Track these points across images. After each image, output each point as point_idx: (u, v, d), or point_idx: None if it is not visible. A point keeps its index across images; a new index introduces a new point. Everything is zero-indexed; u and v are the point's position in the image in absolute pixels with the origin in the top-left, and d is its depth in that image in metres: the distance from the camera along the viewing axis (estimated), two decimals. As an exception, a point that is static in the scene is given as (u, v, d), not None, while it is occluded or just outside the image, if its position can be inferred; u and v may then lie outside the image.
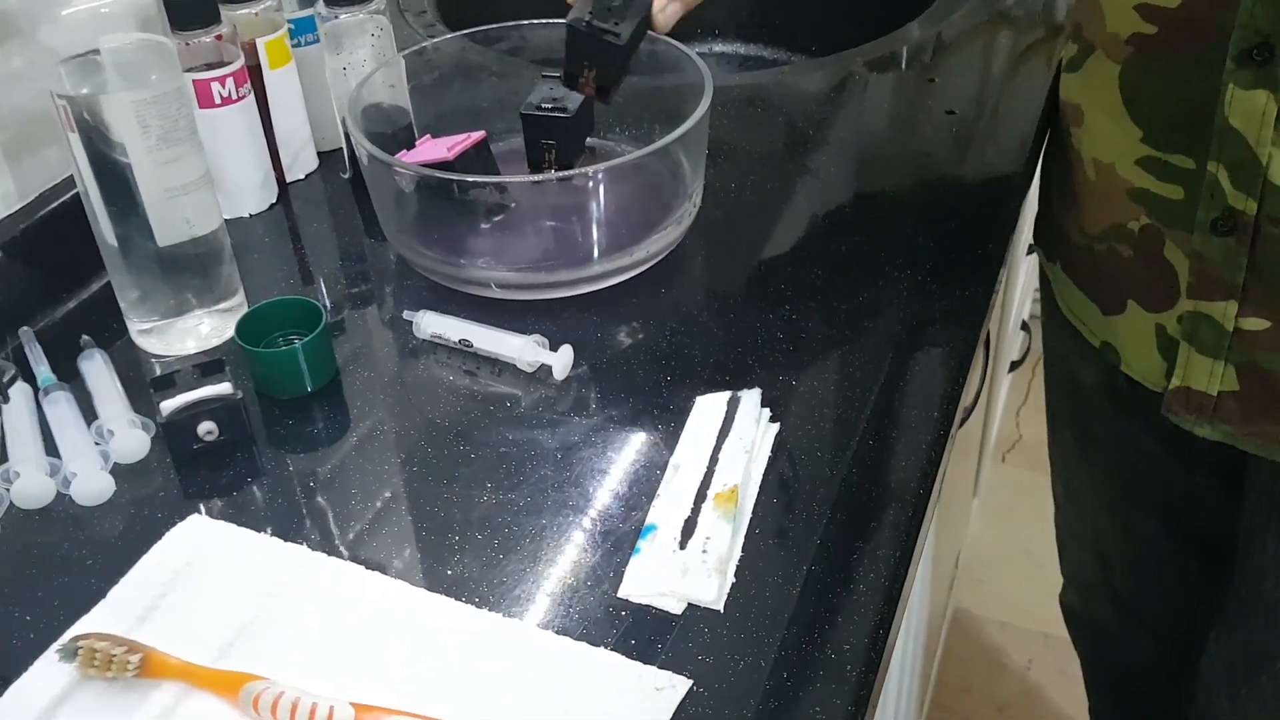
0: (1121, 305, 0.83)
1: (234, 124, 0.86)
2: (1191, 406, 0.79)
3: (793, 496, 0.65)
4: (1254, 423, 0.77)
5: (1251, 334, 0.74)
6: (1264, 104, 0.67)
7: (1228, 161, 0.70)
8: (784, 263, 0.83)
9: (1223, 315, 0.75)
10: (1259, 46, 0.66)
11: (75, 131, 0.69)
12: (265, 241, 0.88)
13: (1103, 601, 1.18)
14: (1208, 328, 0.76)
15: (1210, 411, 0.79)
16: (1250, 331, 0.74)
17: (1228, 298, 0.74)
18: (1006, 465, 2.16)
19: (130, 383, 0.73)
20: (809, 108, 1.03)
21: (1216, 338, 0.76)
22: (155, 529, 0.64)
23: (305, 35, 0.92)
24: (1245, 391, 0.76)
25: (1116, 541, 1.10)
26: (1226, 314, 0.74)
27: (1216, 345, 0.76)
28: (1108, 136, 0.78)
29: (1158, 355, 0.81)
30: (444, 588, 0.60)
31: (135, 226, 0.73)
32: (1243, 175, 0.70)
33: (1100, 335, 0.87)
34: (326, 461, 0.69)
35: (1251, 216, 0.70)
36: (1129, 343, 0.84)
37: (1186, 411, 0.80)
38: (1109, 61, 0.76)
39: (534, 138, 0.84)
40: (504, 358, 0.75)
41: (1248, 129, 0.68)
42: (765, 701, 0.54)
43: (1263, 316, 0.73)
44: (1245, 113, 0.68)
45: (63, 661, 0.55)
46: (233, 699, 0.54)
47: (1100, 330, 0.87)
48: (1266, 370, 0.75)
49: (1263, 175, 0.69)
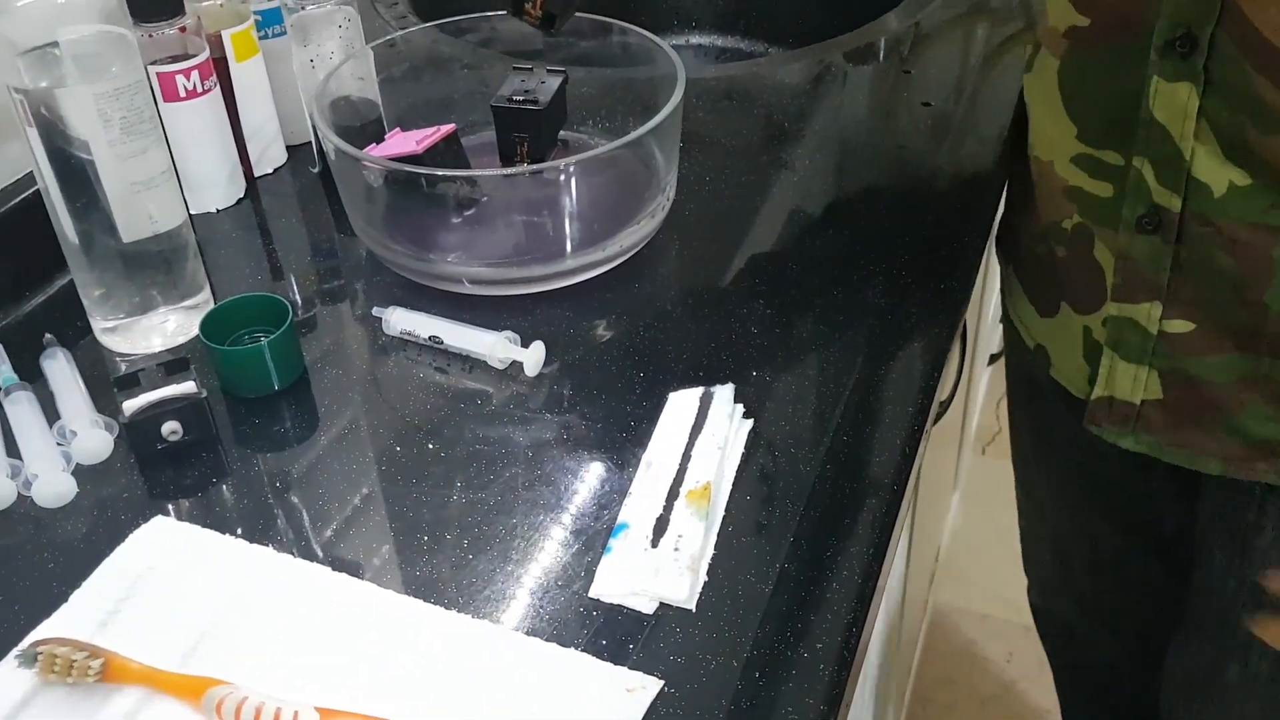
0: (1055, 307, 0.82)
1: (200, 117, 0.85)
2: (1114, 417, 0.78)
3: (766, 493, 0.64)
4: (1179, 432, 0.77)
5: (1175, 337, 0.73)
6: (1186, 97, 0.66)
7: (1152, 157, 0.69)
8: (759, 257, 0.83)
9: (1146, 318, 0.73)
10: (1181, 39, 0.65)
11: (33, 126, 0.68)
12: (232, 237, 0.87)
13: (1065, 599, 1.18)
14: (1131, 331, 0.75)
15: (1133, 422, 0.78)
16: (1174, 335, 0.73)
17: (1151, 298, 0.73)
18: (987, 457, 2.16)
19: (94, 382, 0.72)
20: (785, 100, 1.02)
21: (1140, 341, 0.75)
22: (118, 531, 0.63)
23: (272, 27, 0.91)
24: (1170, 399, 0.75)
25: (1076, 542, 1.10)
26: (1150, 316, 0.73)
27: (1140, 349, 0.75)
28: (1049, 134, 0.78)
29: (1082, 360, 0.81)
30: (413, 589, 0.59)
31: (97, 223, 0.72)
32: (1167, 171, 0.69)
33: (1036, 337, 0.87)
34: (294, 461, 0.68)
35: (1176, 213, 0.69)
36: (1058, 346, 0.84)
37: (1109, 422, 0.79)
38: (1051, 57, 0.75)
39: (505, 130, 0.83)
40: (475, 354, 0.74)
41: (1171, 123, 0.67)
42: (737, 701, 0.53)
43: (1187, 319, 0.72)
44: (1168, 106, 0.67)
45: (22, 667, 0.54)
46: (196, 704, 0.53)
47: (1036, 332, 0.87)
48: (1193, 375, 0.74)
49: (1186, 171, 0.68)
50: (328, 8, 0.86)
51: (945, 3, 1.15)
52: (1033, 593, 1.24)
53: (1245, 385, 0.72)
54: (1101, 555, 1.08)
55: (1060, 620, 1.21)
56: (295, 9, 0.86)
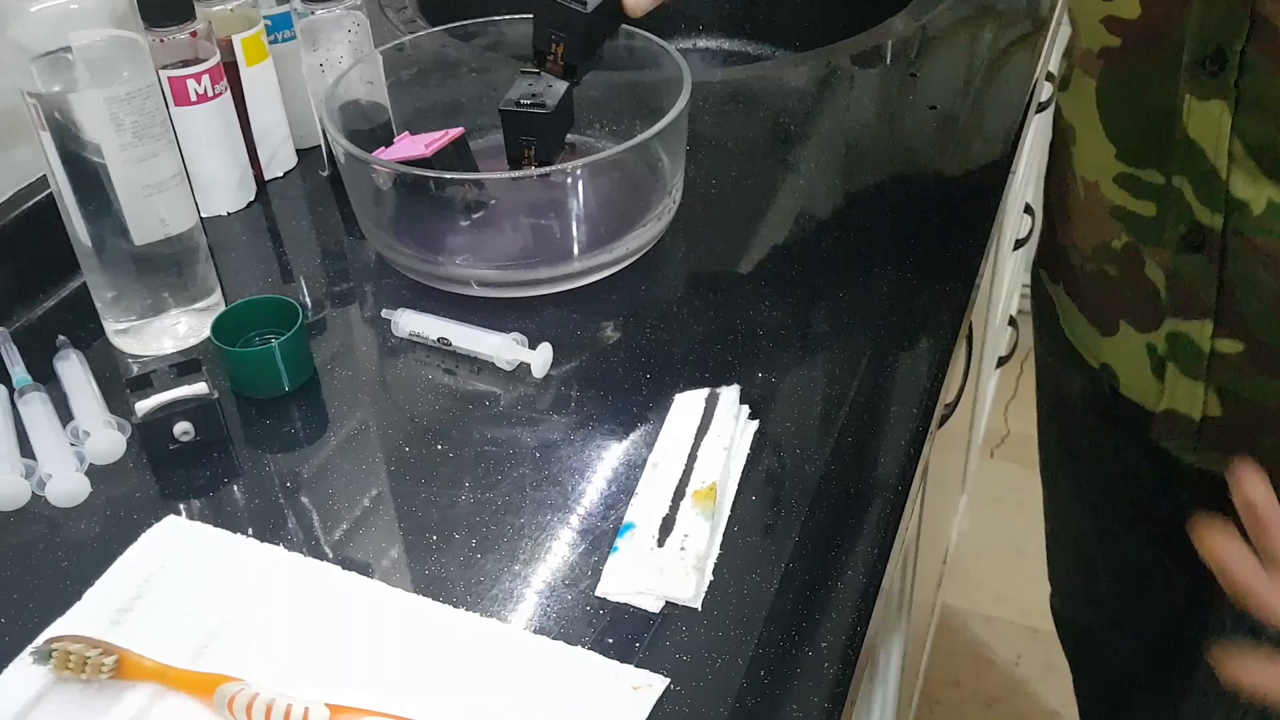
0: (1115, 326, 0.81)
1: (210, 121, 0.85)
2: (1176, 431, 0.78)
3: (771, 493, 0.65)
4: (1237, 452, 0.74)
5: (1227, 357, 0.73)
6: (1219, 115, 0.66)
7: (1190, 175, 0.69)
8: (764, 259, 0.83)
9: (1199, 335, 0.73)
10: (1211, 56, 0.64)
11: (46, 130, 0.69)
12: (243, 240, 0.88)
13: (1087, 607, 1.18)
14: (1187, 348, 0.74)
15: (1194, 437, 0.77)
16: (1226, 354, 0.73)
17: (1203, 316, 0.72)
18: (995, 460, 2.17)
19: (106, 383, 0.73)
20: (791, 103, 1.03)
21: (1194, 359, 0.74)
22: (131, 530, 0.64)
23: (282, 31, 0.92)
24: (1227, 418, 0.75)
25: (1100, 550, 1.10)
26: (1203, 333, 0.73)
27: (1196, 366, 0.74)
28: (1092, 154, 0.77)
29: (1151, 376, 0.79)
30: (421, 587, 0.60)
31: (110, 226, 0.72)
32: (1205, 189, 0.68)
33: (1099, 357, 0.85)
34: (304, 461, 0.69)
35: (1218, 232, 0.69)
36: (1124, 364, 0.82)
37: (1172, 436, 0.78)
38: (1087, 77, 0.75)
39: (513, 134, 0.84)
40: (483, 356, 0.74)
41: (1205, 141, 0.67)
42: (742, 699, 0.54)
43: (1237, 338, 0.72)
44: (1202, 124, 0.67)
45: (37, 664, 0.55)
46: (208, 700, 0.54)
47: (1099, 352, 0.85)
48: (1244, 397, 0.73)
49: (1224, 188, 0.67)
50: (337, 13, 0.87)
51: (951, 5, 1.16)
52: (1054, 599, 1.24)
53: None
54: (1126, 565, 1.07)
55: (1082, 627, 1.21)
56: (305, 14, 0.87)
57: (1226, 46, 0.64)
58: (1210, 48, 0.64)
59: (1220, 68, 0.64)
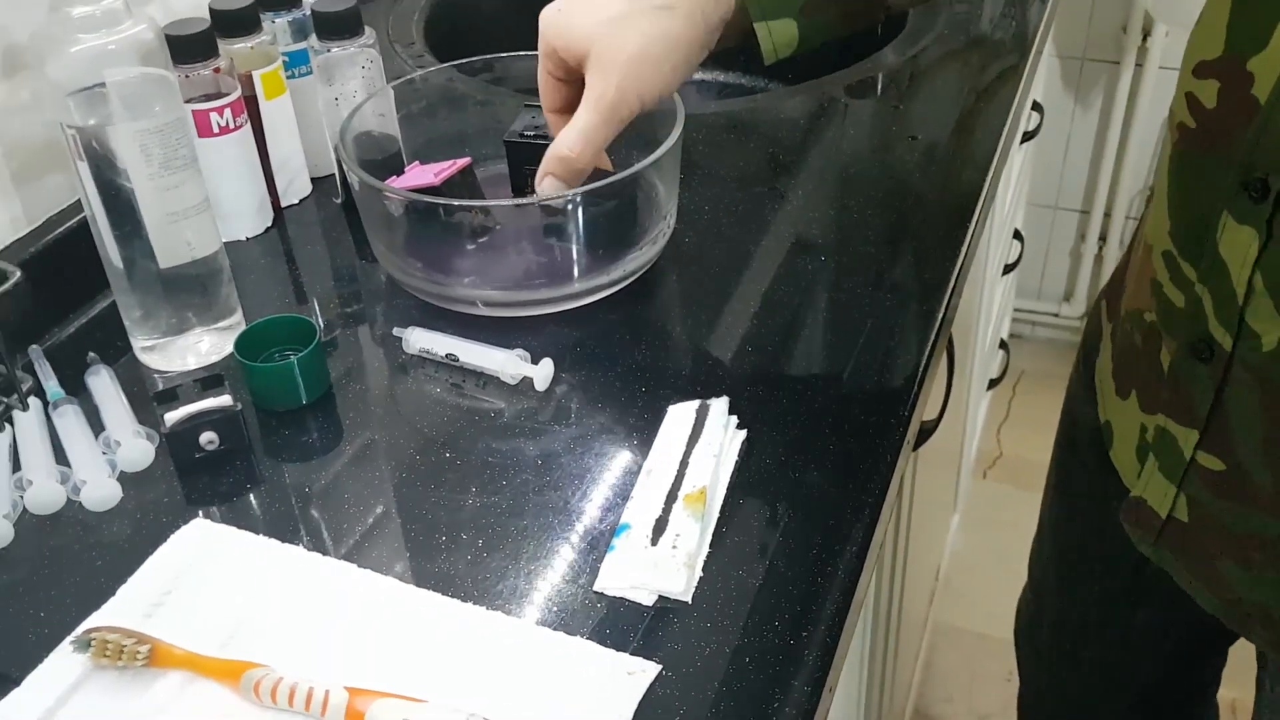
0: (1127, 392, 0.80)
1: (231, 152, 0.90)
2: (1141, 521, 0.78)
3: (757, 497, 0.69)
4: (1189, 561, 0.75)
5: (1205, 471, 0.71)
6: (1248, 243, 0.63)
7: (1211, 288, 0.66)
8: (753, 280, 0.87)
9: (1185, 441, 0.72)
10: (1256, 182, 0.61)
11: (84, 160, 0.73)
12: (262, 263, 0.93)
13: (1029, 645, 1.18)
14: (1171, 448, 0.73)
15: (1155, 532, 0.77)
16: (1205, 468, 0.71)
17: (1192, 425, 0.71)
18: (988, 481, 2.20)
19: (134, 397, 0.77)
20: (782, 133, 1.07)
21: (1175, 461, 0.73)
22: (160, 532, 0.68)
23: (299, 67, 0.96)
24: (1192, 527, 0.74)
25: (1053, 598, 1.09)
26: (1188, 441, 0.71)
27: (1174, 469, 0.73)
28: (1157, 219, 0.73)
29: (1134, 456, 0.79)
30: (431, 583, 0.64)
31: (139, 249, 0.77)
32: (1224, 307, 0.66)
33: (1106, 413, 0.85)
34: (320, 469, 0.73)
35: (1228, 352, 0.66)
36: (1121, 430, 0.81)
37: (1135, 525, 0.78)
38: (1169, 143, 0.71)
39: (517, 163, 0.88)
40: (488, 371, 0.79)
41: (1232, 262, 0.64)
42: (729, 684, 0.58)
43: (1218, 457, 0.70)
44: (1233, 245, 0.64)
45: (76, 652, 0.59)
46: (234, 685, 0.58)
47: (1107, 408, 0.85)
48: (1212, 515, 0.72)
49: (1239, 314, 0.65)
50: (351, 50, 0.92)
51: (939, 37, 1.21)
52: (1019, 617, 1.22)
53: (1256, 544, 0.70)
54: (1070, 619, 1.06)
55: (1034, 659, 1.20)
56: (321, 51, 0.92)
57: (1273, 179, 0.61)
58: (1256, 173, 0.62)
59: (1262, 196, 0.61)
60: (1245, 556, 0.72)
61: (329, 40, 0.92)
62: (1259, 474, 0.68)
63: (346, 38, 0.92)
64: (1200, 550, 0.75)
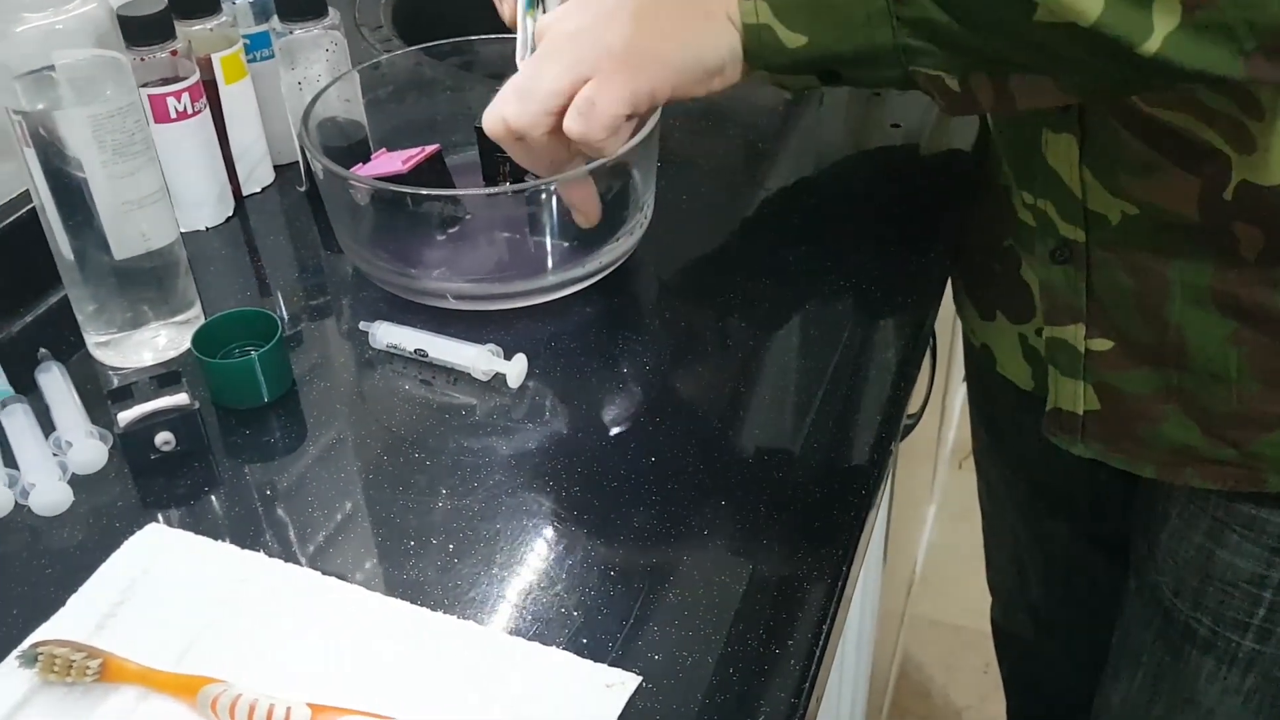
0: (993, 314, 0.91)
1: (190, 138, 0.87)
2: (1064, 427, 0.83)
3: (740, 499, 0.66)
4: (1118, 440, 0.81)
5: (1099, 354, 0.79)
6: (1069, 145, 0.72)
7: (1053, 199, 0.75)
8: (733, 272, 0.85)
9: (1074, 337, 0.79)
10: None
11: (31, 146, 0.70)
12: (222, 254, 0.89)
13: (1021, 613, 1.20)
14: (1063, 351, 0.80)
15: (1079, 431, 0.83)
16: (1098, 352, 0.79)
17: (1075, 321, 0.79)
18: (963, 471, 2.19)
19: (87, 395, 0.74)
20: (760, 121, 1.05)
21: (1071, 359, 0.80)
22: (114, 538, 0.65)
23: (261, 50, 0.93)
24: (1106, 411, 0.81)
25: (1031, 549, 1.13)
26: (1077, 336, 0.79)
27: (1073, 366, 0.80)
28: (994, 162, 0.86)
29: (1022, 359, 0.89)
30: (400, 592, 0.61)
31: (91, 240, 0.74)
32: (1067, 208, 0.75)
33: (979, 338, 0.95)
34: (283, 470, 0.70)
35: (1083, 244, 0.75)
36: (1000, 347, 0.92)
37: (1061, 432, 0.84)
38: None
39: (488, 151, 0.86)
40: (459, 367, 0.76)
41: (1061, 168, 0.74)
42: (712, 695, 0.56)
43: (1107, 337, 0.78)
44: (1057, 153, 0.73)
45: (23, 668, 0.56)
46: (191, 701, 0.55)
47: (979, 334, 0.95)
48: (1119, 389, 0.79)
49: (1083, 205, 0.74)
50: (315, 32, 0.89)
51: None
52: (995, 610, 1.27)
53: (1163, 396, 0.77)
54: (1054, 563, 1.11)
55: (1016, 635, 1.24)
56: (283, 33, 0.89)
57: None
58: None
59: (1067, 105, 0.71)
60: (1159, 412, 0.78)
61: (292, 22, 0.89)
62: (1142, 333, 0.76)
63: (310, 19, 0.89)
64: (1122, 429, 0.80)
